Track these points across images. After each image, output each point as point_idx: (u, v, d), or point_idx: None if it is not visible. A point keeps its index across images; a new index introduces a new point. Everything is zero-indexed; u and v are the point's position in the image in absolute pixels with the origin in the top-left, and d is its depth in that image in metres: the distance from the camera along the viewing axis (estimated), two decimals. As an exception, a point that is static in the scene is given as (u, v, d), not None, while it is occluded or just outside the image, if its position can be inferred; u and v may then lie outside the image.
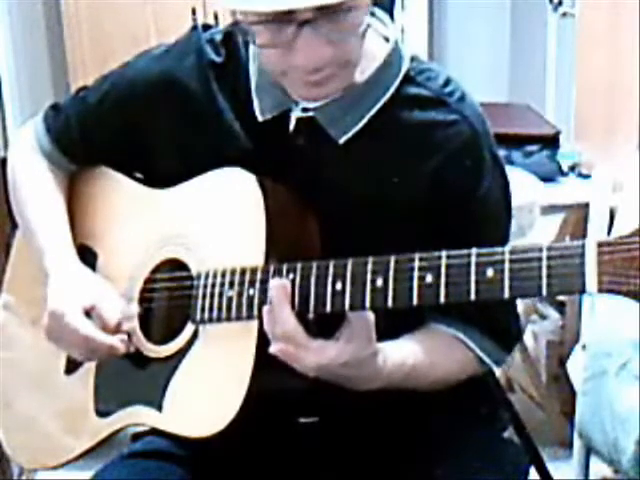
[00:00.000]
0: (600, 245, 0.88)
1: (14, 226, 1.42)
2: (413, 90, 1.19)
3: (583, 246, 0.89)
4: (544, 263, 0.90)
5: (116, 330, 1.21)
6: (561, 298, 2.88)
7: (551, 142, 2.60)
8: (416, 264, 0.99)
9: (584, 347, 1.80)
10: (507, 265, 0.93)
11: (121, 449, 1.29)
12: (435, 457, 1.20)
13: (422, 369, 1.16)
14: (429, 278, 0.97)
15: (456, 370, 1.22)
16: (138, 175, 1.34)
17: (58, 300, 1.22)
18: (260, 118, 1.21)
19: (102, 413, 1.25)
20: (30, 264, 1.34)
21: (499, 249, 0.95)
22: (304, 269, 1.06)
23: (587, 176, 2.63)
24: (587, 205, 2.23)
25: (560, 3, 3.74)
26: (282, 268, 1.08)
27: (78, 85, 1.40)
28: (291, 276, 1.07)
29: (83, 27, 3.30)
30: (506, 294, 0.93)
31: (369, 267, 1.02)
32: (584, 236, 2.05)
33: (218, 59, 1.24)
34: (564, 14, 3.72)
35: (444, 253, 0.97)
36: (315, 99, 1.15)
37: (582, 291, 0.89)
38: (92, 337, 1.19)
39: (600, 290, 0.88)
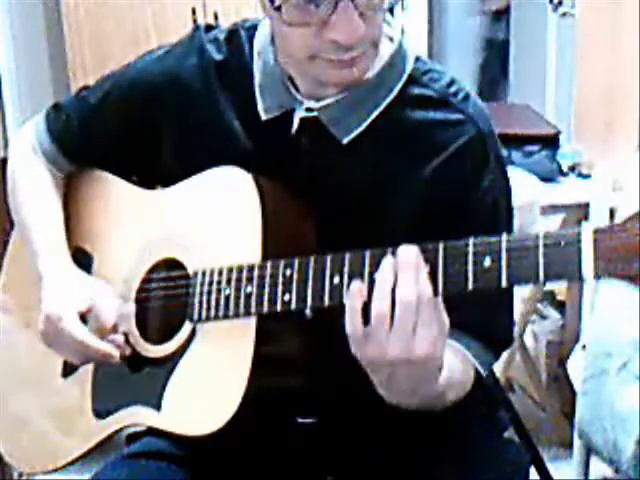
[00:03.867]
0: (596, 232, 0.88)
1: (13, 226, 1.42)
2: (417, 90, 1.19)
3: (579, 233, 0.89)
4: (541, 250, 0.90)
5: (113, 331, 1.21)
6: (561, 298, 2.88)
7: (551, 142, 2.60)
8: None
9: (584, 347, 1.80)
10: (504, 253, 0.93)
11: (118, 451, 1.28)
12: (435, 457, 1.20)
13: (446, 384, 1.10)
14: (426, 269, 0.97)
15: (464, 383, 1.18)
16: (135, 178, 1.34)
17: (53, 304, 1.21)
18: (263, 117, 1.20)
19: (100, 414, 1.25)
20: (25, 265, 1.33)
21: (496, 238, 0.94)
22: (301, 264, 1.06)
23: (587, 176, 2.63)
24: (587, 205, 2.24)
25: (560, 3, 3.74)
26: (279, 264, 1.08)
27: (78, 85, 1.40)
28: (288, 271, 1.06)
29: (83, 27, 3.29)
30: (504, 282, 0.93)
31: (367, 260, 1.01)
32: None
33: (221, 57, 1.24)
34: (564, 14, 3.71)
35: (441, 244, 0.97)
36: (346, 82, 1.14)
37: (579, 277, 0.89)
38: (87, 343, 1.19)
39: (596, 276, 0.88)
